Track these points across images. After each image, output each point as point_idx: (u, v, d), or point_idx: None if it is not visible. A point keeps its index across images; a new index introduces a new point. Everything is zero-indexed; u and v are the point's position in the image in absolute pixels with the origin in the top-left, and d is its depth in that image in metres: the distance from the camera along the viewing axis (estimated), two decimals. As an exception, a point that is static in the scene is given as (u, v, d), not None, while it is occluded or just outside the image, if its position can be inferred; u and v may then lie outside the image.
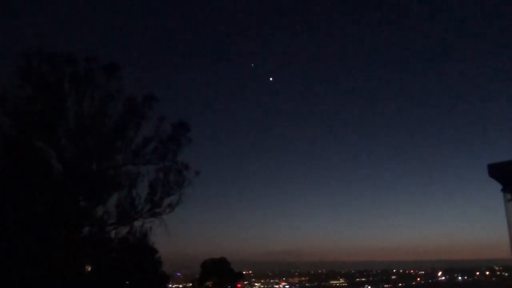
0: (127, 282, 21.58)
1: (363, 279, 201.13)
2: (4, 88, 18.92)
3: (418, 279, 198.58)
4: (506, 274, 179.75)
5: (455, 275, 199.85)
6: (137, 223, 21.69)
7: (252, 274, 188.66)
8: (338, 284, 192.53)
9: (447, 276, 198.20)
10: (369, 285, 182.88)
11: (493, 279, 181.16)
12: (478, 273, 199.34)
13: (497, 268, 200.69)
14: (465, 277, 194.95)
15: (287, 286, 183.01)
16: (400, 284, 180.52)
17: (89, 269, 20.45)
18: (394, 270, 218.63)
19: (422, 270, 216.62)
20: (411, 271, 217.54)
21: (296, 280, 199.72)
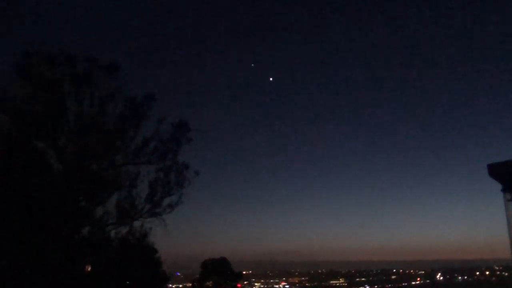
0: (127, 282, 21.57)
1: (363, 279, 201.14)
2: (4, 88, 18.91)
3: (418, 279, 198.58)
4: (506, 274, 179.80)
5: (455, 275, 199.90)
6: (137, 223, 21.69)
7: (252, 274, 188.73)
8: (338, 284, 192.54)
9: (447, 276, 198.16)
10: (368, 285, 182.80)
11: (493, 279, 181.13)
12: (478, 273, 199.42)
13: (497, 268, 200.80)
14: (465, 277, 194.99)
15: (287, 286, 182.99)
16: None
17: (89, 269, 20.44)
18: (394, 270, 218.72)
19: (422, 270, 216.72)
20: (411, 271, 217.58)
21: (296, 280, 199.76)
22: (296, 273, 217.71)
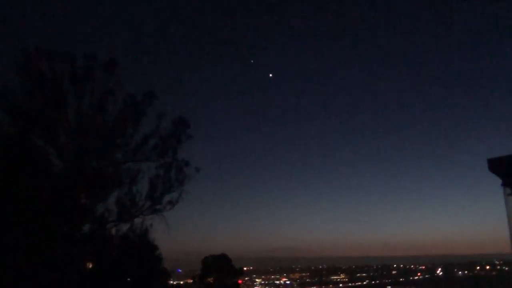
0: (128, 279, 21.63)
1: (364, 274, 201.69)
2: (4, 86, 18.88)
3: (419, 274, 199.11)
4: (506, 268, 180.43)
5: (455, 270, 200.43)
6: (138, 220, 21.74)
7: (253, 270, 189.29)
8: (338, 279, 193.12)
9: (447, 271, 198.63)
10: (368, 281, 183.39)
11: (493, 273, 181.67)
12: (478, 267, 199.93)
13: (498, 263, 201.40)
14: (465, 272, 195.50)
15: (288, 282, 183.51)
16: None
17: (90, 266, 20.50)
18: (395, 265, 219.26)
19: (423, 265, 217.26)
20: (411, 266, 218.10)
21: (297, 276, 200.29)
22: (297, 269, 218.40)
